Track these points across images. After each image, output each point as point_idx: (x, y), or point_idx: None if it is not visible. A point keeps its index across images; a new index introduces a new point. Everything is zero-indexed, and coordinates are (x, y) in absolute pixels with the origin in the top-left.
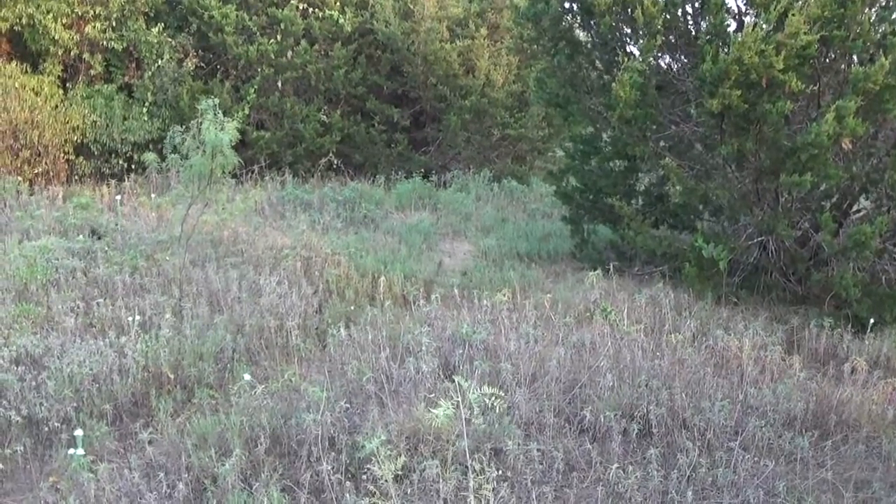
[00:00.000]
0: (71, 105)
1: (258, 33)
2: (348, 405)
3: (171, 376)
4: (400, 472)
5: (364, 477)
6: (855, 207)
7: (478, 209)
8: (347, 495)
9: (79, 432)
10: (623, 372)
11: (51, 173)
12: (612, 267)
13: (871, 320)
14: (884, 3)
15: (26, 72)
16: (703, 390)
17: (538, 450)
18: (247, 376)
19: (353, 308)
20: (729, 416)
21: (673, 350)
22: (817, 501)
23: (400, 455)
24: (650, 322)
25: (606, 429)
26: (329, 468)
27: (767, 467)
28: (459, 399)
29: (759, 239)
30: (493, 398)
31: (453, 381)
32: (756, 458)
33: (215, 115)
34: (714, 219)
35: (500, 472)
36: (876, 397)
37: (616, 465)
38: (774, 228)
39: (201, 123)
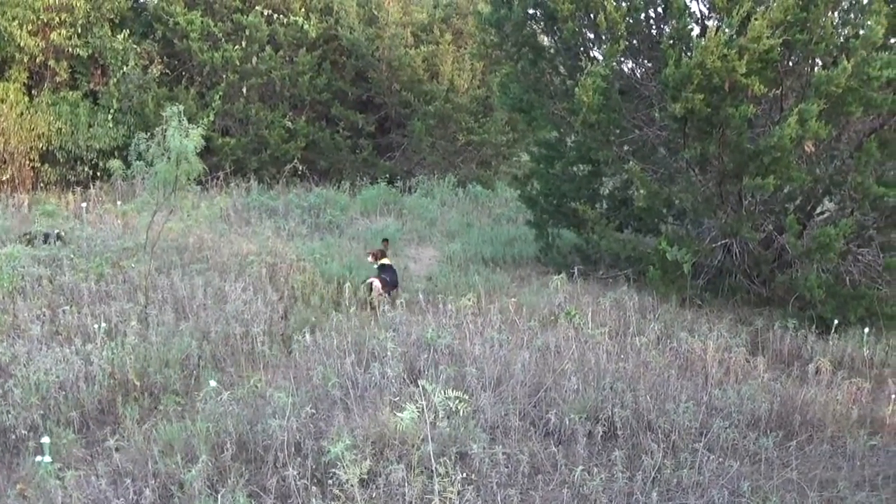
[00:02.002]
0: (36, 112)
1: (223, 39)
2: (314, 411)
3: (138, 383)
4: (366, 477)
5: (330, 482)
6: (819, 209)
7: (443, 214)
8: (314, 500)
9: (46, 440)
10: (588, 375)
11: (16, 181)
12: (576, 271)
13: (836, 321)
14: (846, 7)
15: None
16: (668, 392)
17: (503, 453)
18: (213, 383)
19: (318, 314)
20: (693, 418)
21: (637, 353)
22: (782, 501)
23: (365, 459)
24: (615, 325)
25: (571, 431)
26: (295, 473)
27: (732, 468)
28: (424, 403)
29: (723, 241)
30: (457, 402)
31: (419, 385)
32: (721, 459)
33: (180, 121)
34: (678, 222)
35: (466, 475)
36: (840, 397)
37: (581, 467)
38: (738, 231)
39: (166, 130)
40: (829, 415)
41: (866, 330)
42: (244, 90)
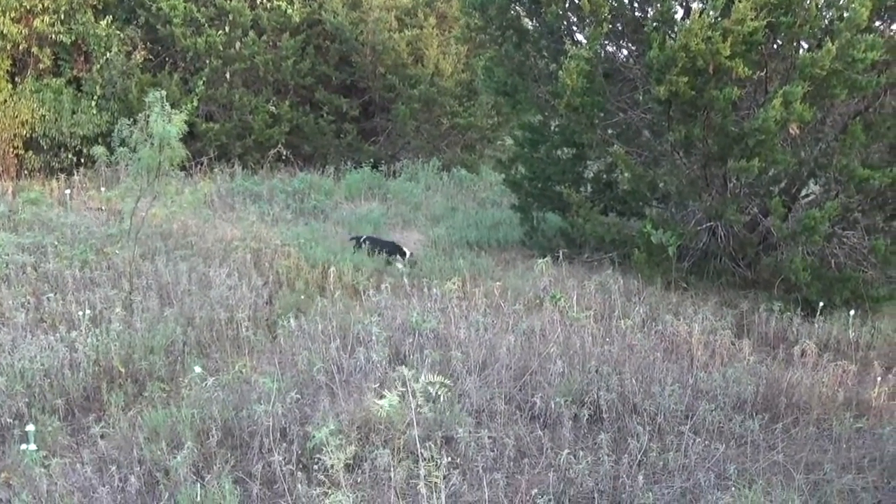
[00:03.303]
0: (20, 99)
1: (206, 25)
2: (299, 396)
3: (122, 370)
4: (351, 462)
5: (315, 467)
6: (804, 192)
7: (427, 198)
8: (299, 486)
9: (31, 428)
10: (573, 358)
11: (0, 168)
12: (561, 254)
13: (821, 303)
14: None
15: None
16: (654, 375)
17: (489, 437)
18: (198, 369)
19: (303, 299)
20: (679, 401)
21: (622, 336)
22: (768, 483)
23: (350, 444)
24: (600, 308)
25: (557, 415)
26: (281, 459)
27: (718, 450)
28: (408, 388)
29: (708, 224)
30: (439, 387)
31: (407, 370)
32: (707, 442)
33: (162, 107)
34: (663, 205)
35: (452, 459)
36: (826, 380)
37: (567, 450)
38: (723, 214)
39: (149, 116)
40: (814, 397)
41: (852, 312)
42: (228, 75)
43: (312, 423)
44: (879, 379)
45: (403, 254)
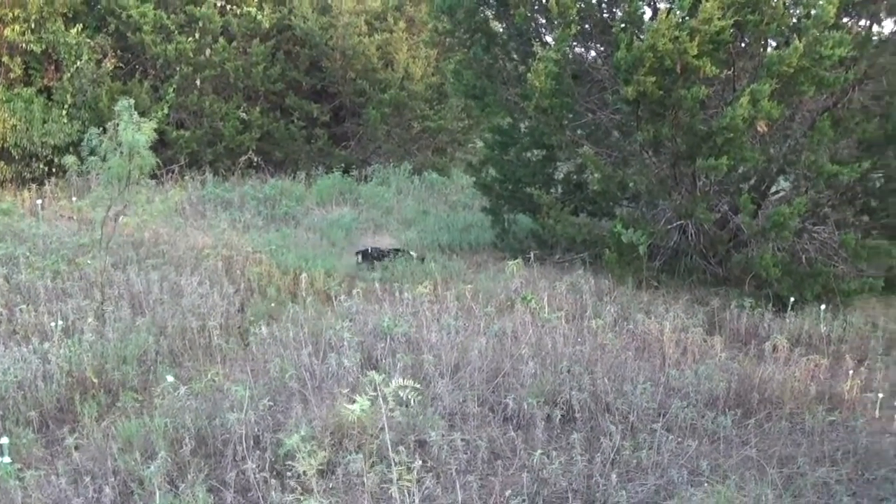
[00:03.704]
0: None
1: (176, 32)
2: (272, 403)
3: (95, 380)
4: (324, 467)
5: (289, 474)
6: (773, 189)
7: (399, 202)
8: (273, 493)
9: (4, 440)
10: (545, 359)
11: None
12: (532, 255)
13: (792, 299)
14: None
15: None
16: (626, 374)
17: (462, 439)
18: (170, 378)
19: (274, 306)
20: (651, 399)
21: (594, 335)
22: (741, 479)
23: (322, 450)
24: (571, 308)
25: (530, 416)
26: (254, 466)
27: (691, 447)
28: (380, 393)
29: (679, 223)
30: (409, 390)
31: (375, 374)
32: (679, 439)
33: (131, 115)
34: (633, 204)
35: (425, 463)
36: (798, 374)
37: (540, 451)
38: (693, 212)
39: (118, 125)
40: (787, 392)
41: (823, 307)
42: (198, 82)
43: (285, 429)
44: (851, 372)
45: (410, 255)
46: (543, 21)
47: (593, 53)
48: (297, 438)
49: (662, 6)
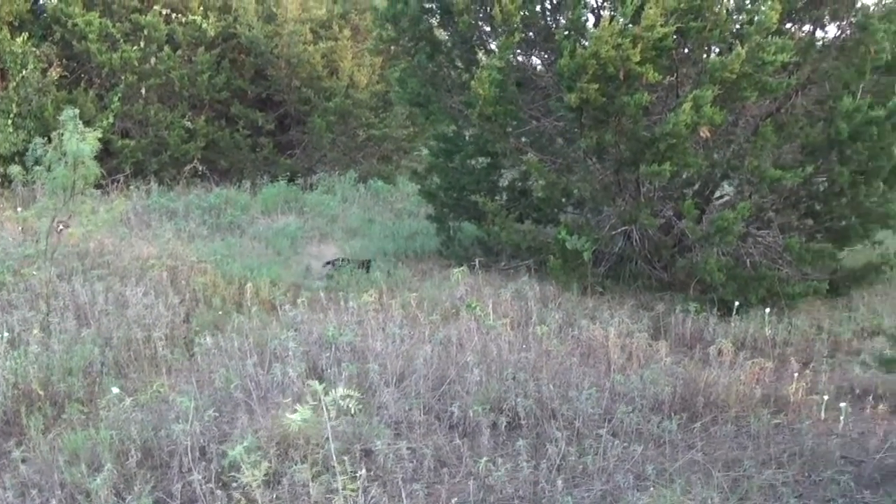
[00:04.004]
0: None
1: (122, 40)
2: (217, 414)
3: (41, 392)
4: (270, 478)
5: (235, 484)
6: (717, 194)
7: (344, 211)
8: (218, 503)
9: None
10: (490, 366)
11: None
12: (478, 263)
13: (737, 303)
14: None
15: None
16: (571, 380)
17: (408, 448)
18: (115, 389)
19: (219, 315)
20: (597, 404)
21: (539, 342)
22: (687, 482)
23: (267, 460)
24: (516, 315)
25: (475, 423)
26: (200, 478)
27: (637, 452)
28: (322, 402)
29: (623, 229)
30: (350, 399)
31: (319, 384)
32: (625, 444)
33: (76, 125)
34: (577, 211)
35: (371, 472)
36: (743, 377)
37: (486, 458)
38: (637, 218)
39: (62, 134)
40: (732, 395)
41: (767, 310)
42: (143, 91)
43: (231, 440)
44: (796, 375)
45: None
46: (488, 29)
47: (537, 61)
48: (241, 449)
49: (606, 13)
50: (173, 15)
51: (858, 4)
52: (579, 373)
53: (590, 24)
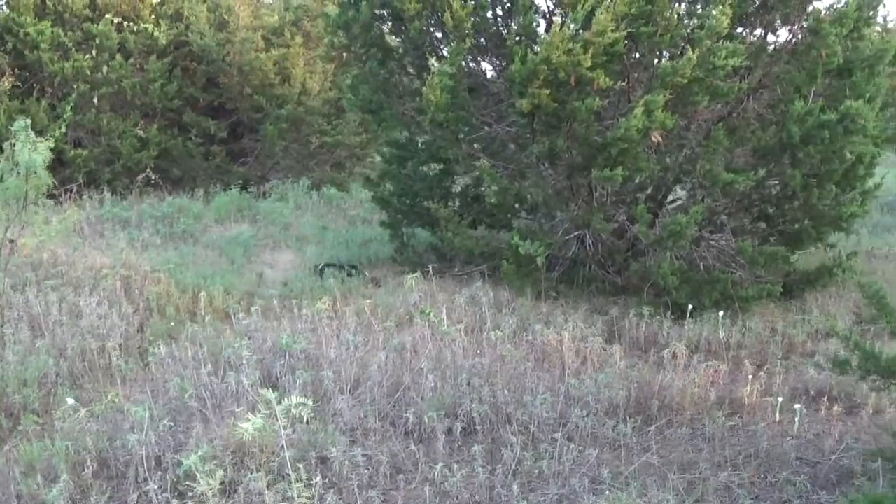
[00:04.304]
0: None
1: (74, 49)
2: (172, 423)
3: None
4: (225, 486)
5: (190, 494)
6: (670, 198)
7: (298, 218)
8: None
9: None
10: (445, 372)
11: None
12: (431, 269)
13: (691, 306)
14: None
15: None
16: (525, 384)
17: (363, 454)
18: (70, 400)
19: (173, 325)
20: (552, 409)
21: (494, 347)
22: (643, 485)
23: (222, 469)
24: (470, 321)
25: (431, 429)
26: (156, 487)
27: (592, 455)
28: (274, 411)
29: (576, 233)
30: (302, 407)
31: (273, 392)
32: (580, 448)
33: (28, 135)
34: (530, 216)
35: (326, 479)
36: (698, 380)
37: (442, 464)
38: (590, 222)
39: (14, 145)
40: (687, 398)
41: (721, 313)
42: (95, 100)
43: (186, 449)
44: (751, 377)
45: (356, 269)
46: (439, 35)
47: (489, 67)
48: (196, 459)
49: (557, 19)
50: (125, 23)
51: (810, 9)
52: (534, 377)
53: (541, 29)
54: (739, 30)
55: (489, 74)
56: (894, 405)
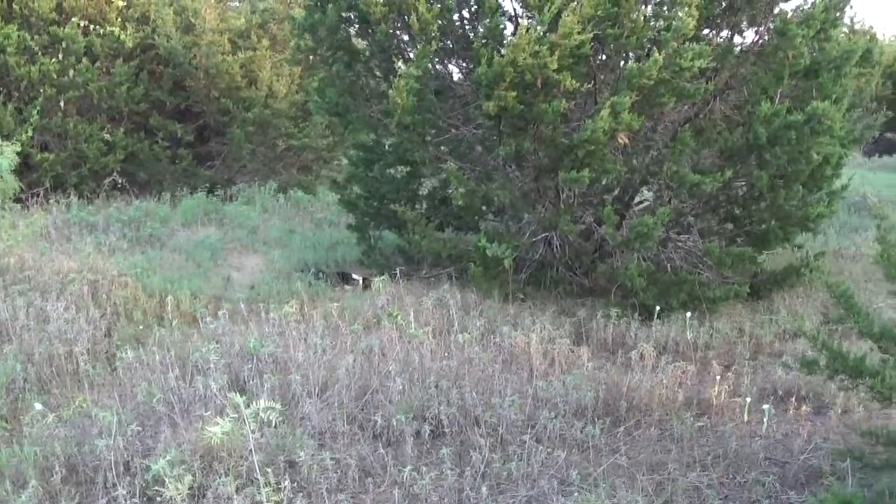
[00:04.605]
0: None
1: (40, 53)
2: (140, 428)
3: None
4: (195, 492)
5: (159, 499)
6: (637, 199)
7: (265, 222)
8: None
9: None
10: (413, 375)
11: None
12: (399, 271)
13: (658, 307)
14: (658, 0)
15: None
16: (493, 387)
17: (332, 458)
18: (38, 405)
19: (141, 329)
20: (520, 411)
21: (461, 349)
22: (612, 486)
23: (190, 474)
24: (438, 323)
25: (399, 432)
26: (125, 492)
27: (560, 457)
28: (243, 415)
29: (543, 235)
30: (270, 411)
31: (241, 396)
32: (549, 449)
33: None
34: (498, 218)
35: (295, 483)
36: (666, 381)
37: (410, 466)
38: (557, 224)
39: None
40: (655, 399)
41: (689, 314)
42: (62, 104)
43: (155, 454)
44: (718, 377)
45: (352, 277)
46: (406, 38)
47: (455, 69)
48: (165, 463)
49: (523, 21)
50: (91, 27)
51: (777, 10)
52: (502, 379)
53: (508, 32)
54: (706, 31)
55: (456, 77)
56: (862, 405)
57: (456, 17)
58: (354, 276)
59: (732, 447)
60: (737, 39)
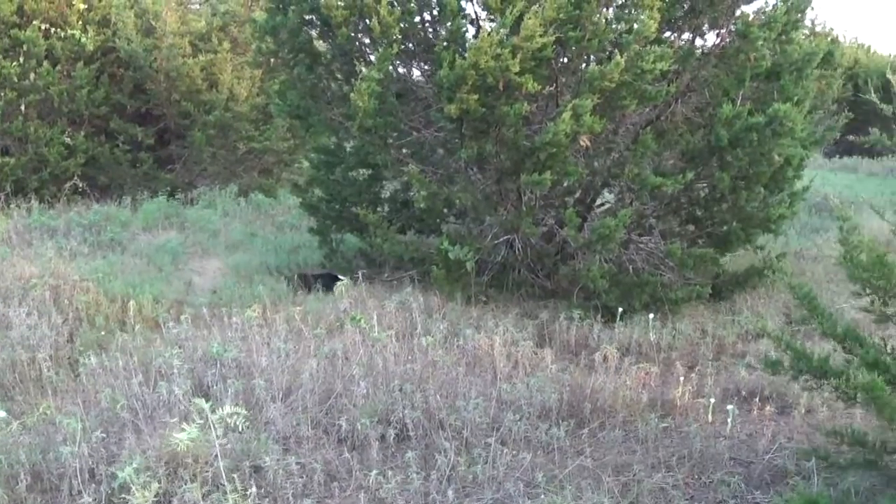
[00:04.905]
0: None
1: (1, 56)
2: (104, 434)
3: None
4: (161, 498)
5: None
6: (599, 201)
7: (226, 225)
8: None
9: None
10: (377, 378)
11: None
12: (361, 275)
13: (620, 309)
14: (621, 2)
15: None
16: (458, 390)
17: (297, 463)
18: (1, 413)
19: (103, 335)
20: (484, 413)
21: (425, 353)
22: (578, 488)
23: (155, 481)
24: (401, 327)
25: (364, 436)
26: (90, 500)
27: (526, 459)
28: (208, 420)
29: (505, 238)
30: (236, 416)
31: (205, 402)
32: (514, 452)
33: None
34: (459, 221)
35: (261, 489)
36: (629, 383)
37: (376, 471)
38: (519, 227)
39: None
40: (619, 400)
41: (651, 316)
42: (22, 107)
43: (119, 461)
44: (682, 378)
45: (338, 278)
46: (367, 41)
47: (417, 72)
48: (130, 471)
49: (485, 24)
50: (53, 30)
51: (738, 13)
52: (466, 382)
53: (470, 35)
54: (667, 34)
55: (417, 80)
56: (826, 404)
57: (417, 19)
58: (340, 276)
59: (697, 448)
60: (698, 42)
